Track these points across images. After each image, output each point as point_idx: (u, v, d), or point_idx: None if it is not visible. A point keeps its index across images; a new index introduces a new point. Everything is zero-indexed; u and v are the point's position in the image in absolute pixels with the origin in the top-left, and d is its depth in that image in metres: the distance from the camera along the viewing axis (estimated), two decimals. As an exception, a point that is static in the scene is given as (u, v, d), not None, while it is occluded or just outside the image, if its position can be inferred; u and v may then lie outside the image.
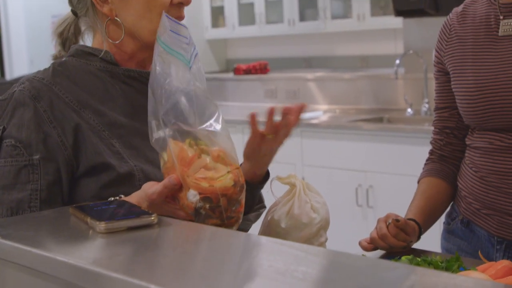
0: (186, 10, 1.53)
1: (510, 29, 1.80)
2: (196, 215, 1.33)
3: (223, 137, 1.36)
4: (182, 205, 1.34)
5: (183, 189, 1.32)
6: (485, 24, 1.85)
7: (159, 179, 1.41)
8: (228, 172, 1.33)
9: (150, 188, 1.34)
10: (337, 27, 6.98)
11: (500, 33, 1.81)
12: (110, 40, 1.50)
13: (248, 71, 6.34)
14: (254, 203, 1.65)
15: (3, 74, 10.01)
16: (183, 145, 1.33)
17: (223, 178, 1.32)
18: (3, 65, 10.09)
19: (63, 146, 1.41)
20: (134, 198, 1.34)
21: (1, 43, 10.15)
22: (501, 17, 1.82)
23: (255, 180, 1.63)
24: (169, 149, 1.34)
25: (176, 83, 1.35)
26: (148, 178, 1.43)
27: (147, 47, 1.49)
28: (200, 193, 1.32)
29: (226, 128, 1.37)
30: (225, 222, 1.34)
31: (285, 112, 1.55)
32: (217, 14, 8.25)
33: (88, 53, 1.52)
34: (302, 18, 7.36)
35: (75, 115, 1.42)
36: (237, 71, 6.56)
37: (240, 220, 1.38)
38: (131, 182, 1.42)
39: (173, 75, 1.36)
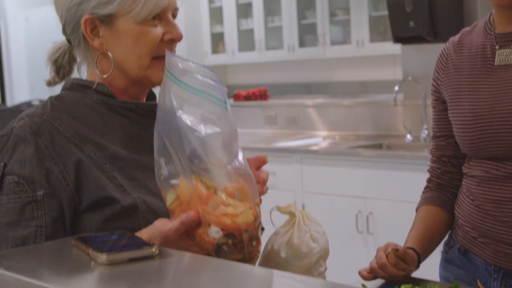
0: (186, 36, 1.55)
1: (506, 59, 1.81)
2: (218, 251, 1.33)
3: (245, 174, 1.36)
4: (201, 241, 1.34)
5: (202, 225, 1.32)
6: (481, 53, 1.86)
7: (162, 210, 1.42)
8: (249, 208, 1.34)
9: (165, 225, 1.34)
10: (336, 53, 7.02)
11: (496, 63, 1.83)
12: (99, 74, 1.50)
13: (248, 97, 6.37)
14: None
15: (3, 100, 10.03)
16: (196, 182, 1.33)
17: (244, 214, 1.33)
18: (3, 91, 10.12)
19: (65, 182, 1.40)
20: (144, 234, 1.34)
21: (2, 69, 10.19)
22: (497, 47, 1.83)
23: None
24: (183, 186, 1.34)
25: (202, 123, 1.35)
26: (151, 209, 1.43)
27: (136, 83, 1.50)
28: (223, 229, 1.32)
29: (247, 164, 1.38)
30: (247, 257, 1.35)
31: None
32: (217, 40, 8.30)
33: (83, 86, 1.52)
34: (302, 44, 7.40)
35: (76, 150, 1.42)
36: (237, 97, 6.59)
37: (259, 255, 1.40)
38: (135, 214, 1.42)
39: (198, 115, 1.36)
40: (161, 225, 1.34)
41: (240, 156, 1.37)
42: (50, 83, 1.58)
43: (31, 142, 1.40)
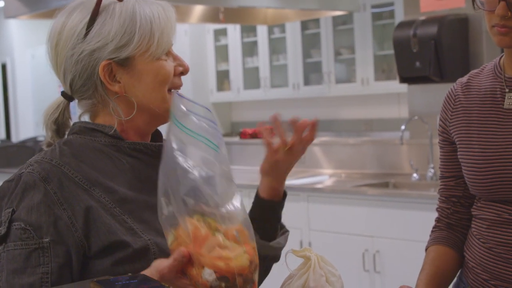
0: (192, 73, 1.58)
1: None
2: None
3: (241, 216, 1.37)
4: (195, 283, 1.33)
5: (196, 266, 1.32)
6: (491, 96, 1.86)
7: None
8: (244, 252, 1.34)
9: (161, 263, 1.33)
10: (341, 91, 7.06)
11: (505, 106, 1.82)
12: (120, 118, 1.49)
13: (254, 135, 6.39)
14: (278, 223, 1.67)
15: (9, 137, 10.07)
16: (196, 222, 1.33)
17: (239, 257, 1.33)
18: (9, 127, 10.16)
19: (73, 228, 1.39)
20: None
21: (8, 105, 10.24)
22: (507, 90, 1.83)
23: (276, 197, 1.66)
24: (181, 227, 1.34)
25: (198, 165, 1.36)
26: (162, 251, 1.42)
27: (158, 119, 1.52)
28: (216, 272, 1.32)
29: (244, 207, 1.39)
30: None
31: (298, 129, 1.60)
32: (222, 78, 8.35)
33: (91, 129, 1.51)
34: (307, 82, 7.44)
35: (86, 195, 1.42)
36: (243, 135, 6.61)
37: None
38: (146, 256, 1.41)
39: (194, 156, 1.37)
40: (158, 264, 1.34)
41: (237, 200, 1.38)
42: (50, 144, 1.55)
43: (40, 188, 1.40)
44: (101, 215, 1.41)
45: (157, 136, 1.60)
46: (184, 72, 1.53)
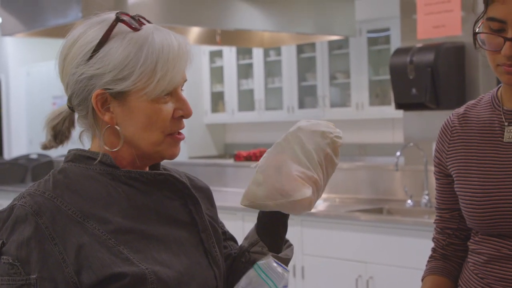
0: (187, 94, 1.53)
1: None
2: None
3: None
4: None
5: None
6: (489, 129, 1.85)
7: (171, 279, 1.41)
8: None
9: None
10: (335, 115, 7.08)
11: (504, 139, 1.81)
12: (107, 148, 1.47)
13: (248, 158, 6.39)
14: (285, 233, 1.64)
15: (1, 154, 10.03)
16: None
17: None
18: (2, 144, 10.12)
19: (64, 264, 1.37)
20: None
21: (1, 122, 10.21)
22: (506, 124, 1.82)
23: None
24: None
25: None
26: (160, 279, 1.40)
27: (145, 157, 1.48)
28: None
29: None
30: None
31: None
32: (217, 99, 8.36)
33: (86, 157, 1.48)
34: (301, 105, 7.46)
35: (79, 229, 1.39)
36: (237, 157, 6.61)
37: None
38: (143, 285, 1.38)
39: None
40: None
41: None
42: (46, 147, 1.54)
43: (31, 222, 1.37)
44: (94, 249, 1.38)
45: (155, 164, 1.56)
46: (185, 116, 1.48)
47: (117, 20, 1.45)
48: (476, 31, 1.77)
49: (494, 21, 1.71)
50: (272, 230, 1.60)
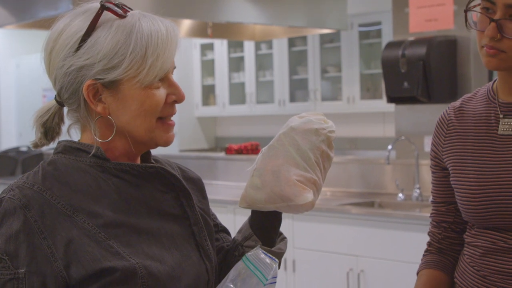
0: None
1: (510, 129, 1.81)
2: None
3: None
4: None
5: None
6: (485, 121, 1.85)
7: (162, 273, 1.40)
8: None
9: None
10: (327, 108, 7.07)
11: (499, 132, 1.81)
12: (99, 139, 1.45)
13: (239, 151, 6.39)
14: (279, 226, 1.62)
15: (-9, 146, 9.98)
16: None
17: None
18: (-9, 137, 10.08)
19: (53, 258, 1.35)
20: None
21: (-10, 115, 10.16)
22: (501, 116, 1.83)
23: None
24: None
25: None
26: (151, 274, 1.39)
27: (140, 144, 1.47)
28: None
29: None
30: None
31: None
32: (208, 92, 8.35)
33: (76, 149, 1.46)
34: (293, 99, 7.45)
35: (68, 223, 1.37)
36: (228, 151, 6.60)
37: None
38: (134, 280, 1.37)
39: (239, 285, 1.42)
40: None
41: None
42: (37, 145, 1.51)
43: (20, 216, 1.35)
44: (84, 243, 1.36)
45: (146, 156, 1.55)
46: (178, 101, 1.47)
47: (103, 8, 1.42)
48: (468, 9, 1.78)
49: (487, 1, 1.72)
50: (266, 225, 1.59)
